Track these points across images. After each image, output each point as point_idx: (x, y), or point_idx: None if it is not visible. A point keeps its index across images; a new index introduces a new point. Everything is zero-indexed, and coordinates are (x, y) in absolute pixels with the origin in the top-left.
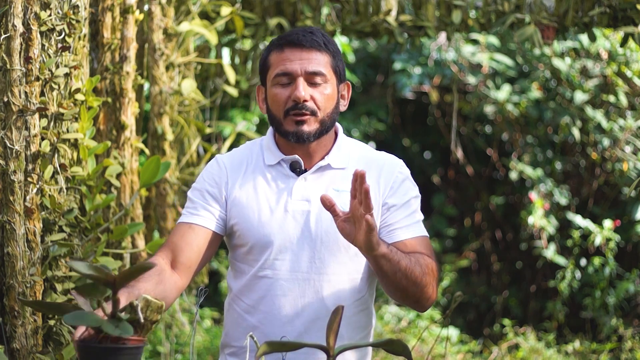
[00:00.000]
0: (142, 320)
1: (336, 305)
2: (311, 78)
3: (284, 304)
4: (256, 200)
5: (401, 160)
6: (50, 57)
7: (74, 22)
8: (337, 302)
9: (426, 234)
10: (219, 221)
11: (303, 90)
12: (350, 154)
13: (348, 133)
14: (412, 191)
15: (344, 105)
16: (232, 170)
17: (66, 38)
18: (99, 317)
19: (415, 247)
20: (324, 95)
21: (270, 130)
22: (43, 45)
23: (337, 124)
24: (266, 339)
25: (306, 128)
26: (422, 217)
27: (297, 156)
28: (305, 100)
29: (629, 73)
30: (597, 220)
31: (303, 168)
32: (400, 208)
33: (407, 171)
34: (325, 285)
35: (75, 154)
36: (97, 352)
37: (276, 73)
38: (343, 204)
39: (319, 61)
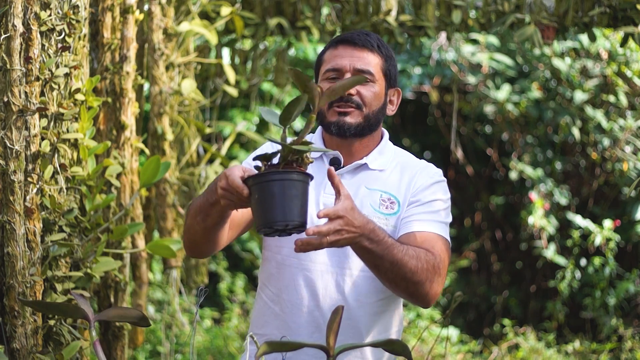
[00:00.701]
0: (307, 158)
1: (357, 301)
2: (359, 75)
3: (307, 294)
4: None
5: (440, 170)
6: (50, 57)
7: (74, 22)
8: (359, 299)
9: (443, 234)
10: None
11: None
12: (390, 158)
13: None
14: (439, 194)
15: (392, 110)
16: None
17: (66, 38)
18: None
19: (424, 242)
20: (371, 92)
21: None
22: (43, 45)
23: (384, 130)
24: (286, 327)
25: (349, 119)
26: (444, 220)
27: (338, 152)
28: (351, 94)
29: (629, 73)
30: (597, 220)
31: (342, 165)
32: (422, 204)
33: (441, 178)
34: (347, 280)
35: (75, 154)
36: (275, 178)
37: (327, 69)
38: (372, 202)
39: (369, 60)
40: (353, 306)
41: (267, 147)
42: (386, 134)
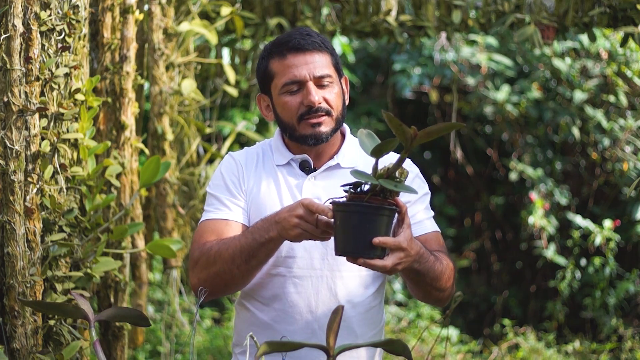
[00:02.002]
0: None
1: (349, 302)
2: (319, 81)
3: (298, 301)
4: (269, 197)
5: (408, 159)
6: (50, 57)
7: (74, 22)
8: (350, 299)
9: (438, 229)
10: (245, 215)
11: (315, 94)
12: (359, 153)
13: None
14: (423, 188)
15: (347, 99)
16: (246, 165)
17: (66, 38)
18: (370, 176)
19: (431, 243)
20: (334, 94)
21: (277, 131)
22: (43, 45)
23: (346, 126)
24: (279, 337)
25: (324, 128)
26: (432, 213)
27: (306, 155)
28: (320, 103)
29: (629, 73)
30: (597, 220)
31: (312, 167)
32: (413, 204)
33: (416, 169)
34: (338, 282)
35: (75, 154)
36: (362, 211)
37: (284, 82)
38: None
39: (323, 63)
40: (346, 307)
41: (229, 162)
42: (348, 129)
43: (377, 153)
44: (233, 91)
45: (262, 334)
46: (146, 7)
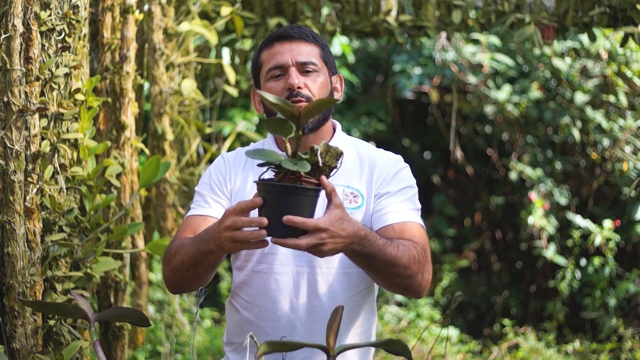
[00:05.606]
0: (320, 164)
1: (331, 299)
2: (302, 67)
3: (279, 297)
4: (253, 194)
5: (399, 156)
6: (50, 57)
7: (74, 22)
8: (332, 296)
9: (419, 221)
10: None
11: (296, 77)
12: (347, 151)
13: (348, 133)
14: (407, 181)
15: (339, 96)
16: (235, 164)
17: (66, 38)
18: (279, 155)
19: (404, 232)
20: (317, 83)
21: None
22: (43, 45)
23: (336, 122)
24: (262, 333)
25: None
26: (417, 206)
27: None
28: (300, 87)
29: (629, 73)
30: (597, 220)
31: None
32: (392, 195)
33: (404, 165)
34: (319, 278)
35: (75, 154)
36: (276, 190)
37: (268, 68)
38: None
39: (309, 52)
40: (328, 305)
41: (219, 161)
42: (338, 126)
43: (272, 129)
44: (233, 91)
45: (247, 331)
46: (146, 7)
